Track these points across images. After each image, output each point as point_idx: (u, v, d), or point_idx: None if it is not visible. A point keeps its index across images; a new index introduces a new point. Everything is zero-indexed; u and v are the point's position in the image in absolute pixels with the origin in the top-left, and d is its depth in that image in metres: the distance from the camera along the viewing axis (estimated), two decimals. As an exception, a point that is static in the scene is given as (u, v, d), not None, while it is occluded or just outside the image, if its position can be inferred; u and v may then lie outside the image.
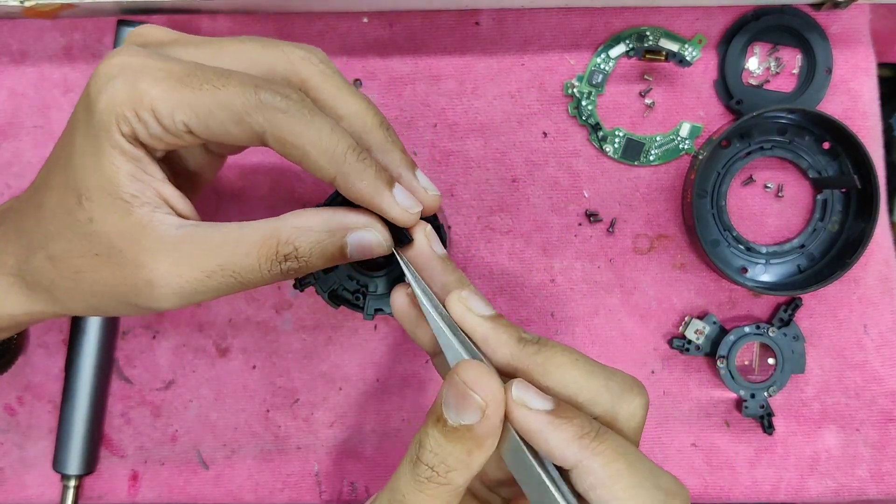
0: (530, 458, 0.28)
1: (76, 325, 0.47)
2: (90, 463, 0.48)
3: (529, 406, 0.28)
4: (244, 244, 0.31)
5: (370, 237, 0.32)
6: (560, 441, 0.27)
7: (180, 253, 0.31)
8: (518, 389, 0.28)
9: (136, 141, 0.31)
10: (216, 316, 0.49)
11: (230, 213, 0.49)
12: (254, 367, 0.49)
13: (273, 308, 0.49)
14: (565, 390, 0.29)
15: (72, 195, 0.31)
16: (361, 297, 0.40)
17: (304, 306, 0.49)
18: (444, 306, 0.32)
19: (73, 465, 0.47)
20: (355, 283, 0.40)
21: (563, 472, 0.28)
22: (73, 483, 0.47)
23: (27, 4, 0.44)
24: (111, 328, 0.48)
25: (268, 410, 0.49)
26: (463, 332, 0.31)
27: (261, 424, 0.49)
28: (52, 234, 0.32)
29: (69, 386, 0.47)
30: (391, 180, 0.32)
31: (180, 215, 0.32)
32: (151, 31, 0.34)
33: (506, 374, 0.30)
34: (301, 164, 0.31)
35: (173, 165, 0.36)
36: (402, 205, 0.32)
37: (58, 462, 0.47)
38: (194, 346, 0.49)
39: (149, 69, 0.30)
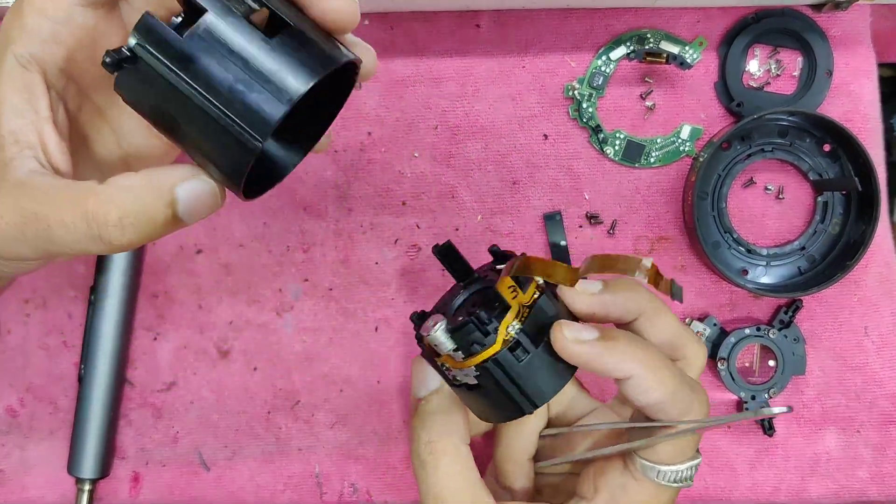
0: None
1: (91, 325, 0.47)
2: (105, 467, 0.48)
3: (582, 339, 0.33)
4: (68, 197, 0.27)
5: (201, 186, 0.28)
6: (618, 358, 0.33)
7: (9, 195, 0.27)
8: (568, 330, 0.33)
9: (31, 61, 0.28)
10: (217, 318, 0.49)
11: (231, 213, 0.49)
12: (255, 368, 0.49)
13: (274, 310, 0.49)
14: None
15: None
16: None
17: (304, 308, 0.49)
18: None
19: (89, 468, 0.47)
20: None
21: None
22: (87, 487, 0.47)
23: (28, 7, 0.44)
24: (126, 328, 0.48)
25: (269, 412, 0.49)
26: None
27: (262, 426, 0.49)
28: None
29: (85, 389, 0.47)
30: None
31: (52, 166, 0.28)
32: None
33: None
34: None
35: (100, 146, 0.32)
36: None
37: (73, 466, 0.47)
38: (195, 348, 0.49)
39: None
